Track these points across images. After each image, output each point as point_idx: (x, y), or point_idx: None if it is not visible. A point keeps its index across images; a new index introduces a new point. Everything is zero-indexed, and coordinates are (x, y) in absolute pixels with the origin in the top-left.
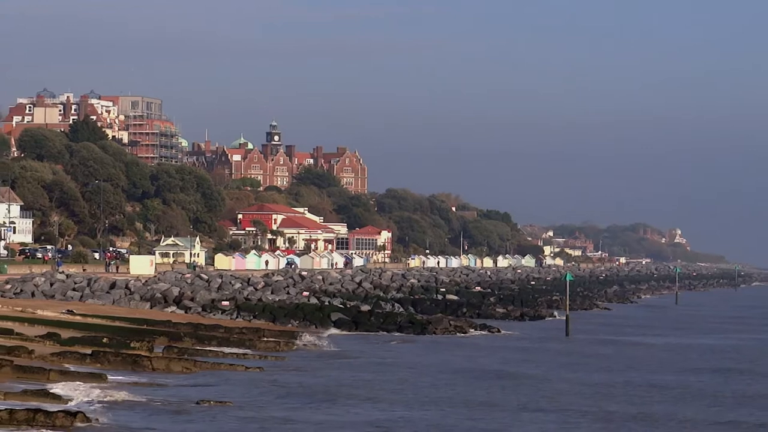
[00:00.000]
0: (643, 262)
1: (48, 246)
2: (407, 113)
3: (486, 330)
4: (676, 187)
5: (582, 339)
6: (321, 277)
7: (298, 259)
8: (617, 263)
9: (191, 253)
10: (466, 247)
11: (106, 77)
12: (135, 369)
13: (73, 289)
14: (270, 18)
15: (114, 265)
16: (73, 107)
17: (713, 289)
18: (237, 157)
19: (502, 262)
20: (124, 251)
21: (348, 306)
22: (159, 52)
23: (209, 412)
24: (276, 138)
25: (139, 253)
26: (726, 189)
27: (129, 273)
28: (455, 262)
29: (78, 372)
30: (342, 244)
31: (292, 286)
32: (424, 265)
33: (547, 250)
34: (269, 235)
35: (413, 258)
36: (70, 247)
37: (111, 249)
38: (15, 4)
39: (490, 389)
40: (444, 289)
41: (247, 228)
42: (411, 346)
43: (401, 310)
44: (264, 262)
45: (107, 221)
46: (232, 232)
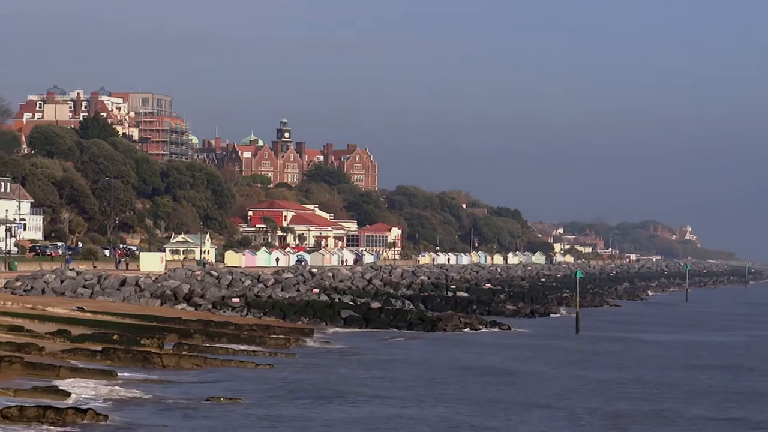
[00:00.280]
0: (654, 259)
1: (58, 243)
2: (418, 111)
3: (496, 327)
4: (686, 184)
5: (592, 336)
6: (331, 274)
7: (308, 256)
8: (627, 260)
9: (201, 250)
10: (476, 244)
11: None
12: (145, 366)
13: (84, 286)
14: (281, 16)
15: (124, 263)
16: (84, 104)
17: (723, 286)
18: (247, 154)
19: (512, 259)
20: (134, 248)
21: (358, 303)
22: (169, 49)
23: (219, 409)
24: (286, 135)
25: (150, 250)
26: (736, 186)
27: (139, 270)
28: (465, 259)
29: (88, 369)
30: (352, 241)
31: (302, 283)
32: (434, 262)
33: (558, 247)
34: (279, 232)
35: (423, 255)
36: (80, 244)
37: (121, 246)
38: (25, 1)
39: (499, 386)
40: (454, 286)
41: (258, 225)
42: (421, 343)
43: (411, 307)
44: (275, 259)
45: (117, 218)
46: (242, 229)
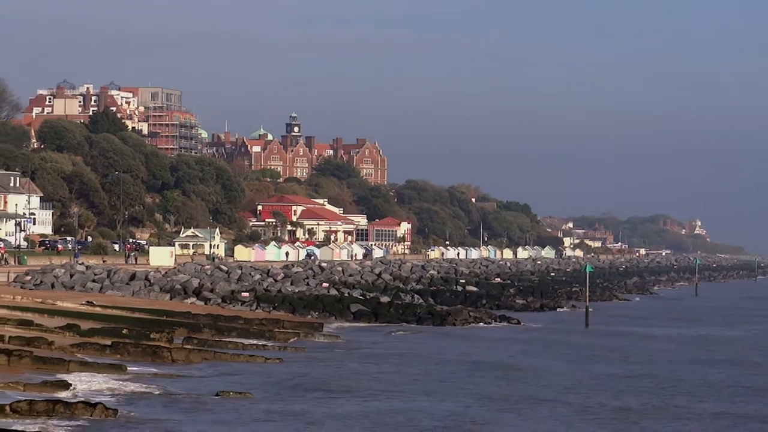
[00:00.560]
0: (663, 253)
1: (68, 237)
2: (427, 105)
3: (506, 321)
4: (695, 179)
5: (602, 330)
6: (341, 269)
7: (317, 251)
8: (637, 255)
9: (211, 245)
10: (485, 239)
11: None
12: (155, 360)
13: (93, 281)
14: (291, 12)
15: (133, 257)
16: (93, 98)
17: (733, 281)
18: (257, 149)
19: (521, 253)
20: (143, 242)
21: (367, 297)
22: (179, 44)
23: (229, 403)
24: (296, 129)
25: (159, 245)
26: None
27: (149, 264)
28: (475, 253)
29: (97, 363)
30: (362, 235)
31: (311, 277)
32: (443, 257)
33: (567, 241)
34: (289, 227)
35: (433, 249)
36: (89, 239)
37: (131, 240)
38: None
39: (509, 381)
40: (464, 281)
41: (267, 219)
42: (430, 337)
43: (421, 301)
44: (284, 253)
45: (127, 212)
46: (251, 223)
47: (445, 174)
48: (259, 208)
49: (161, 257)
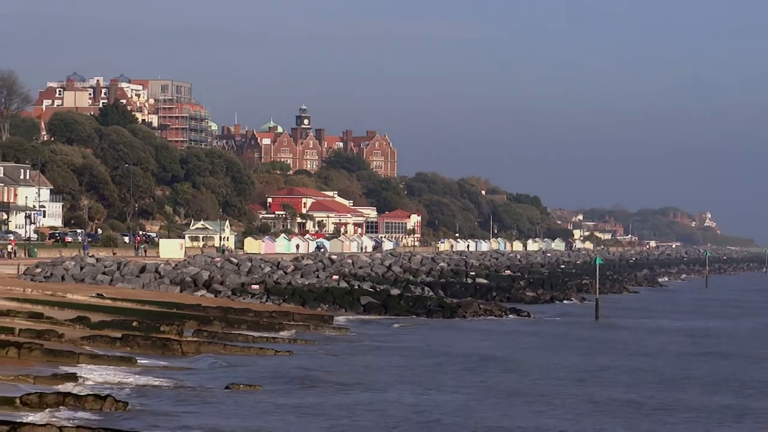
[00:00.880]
0: (673, 245)
1: (78, 230)
2: (437, 97)
3: (516, 314)
4: (706, 171)
5: (612, 323)
6: (350, 261)
7: (327, 243)
8: (647, 247)
9: (221, 237)
10: (495, 231)
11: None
12: (164, 353)
13: (103, 273)
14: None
15: (143, 249)
16: (103, 91)
17: (742, 273)
18: (266, 141)
19: (531, 245)
20: (153, 235)
21: (378, 290)
22: (189, 36)
23: (239, 396)
24: (306, 122)
25: (169, 237)
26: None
27: (159, 257)
28: (485, 245)
29: (107, 356)
30: (371, 227)
31: (321, 270)
32: (453, 249)
33: (577, 233)
34: (299, 219)
35: (443, 242)
36: (99, 231)
37: (141, 233)
38: None
39: (518, 373)
40: (474, 273)
41: (277, 212)
42: (440, 330)
43: (431, 293)
44: (294, 245)
45: (137, 205)
46: (261, 215)
47: (455, 166)
48: (269, 200)
49: (171, 250)
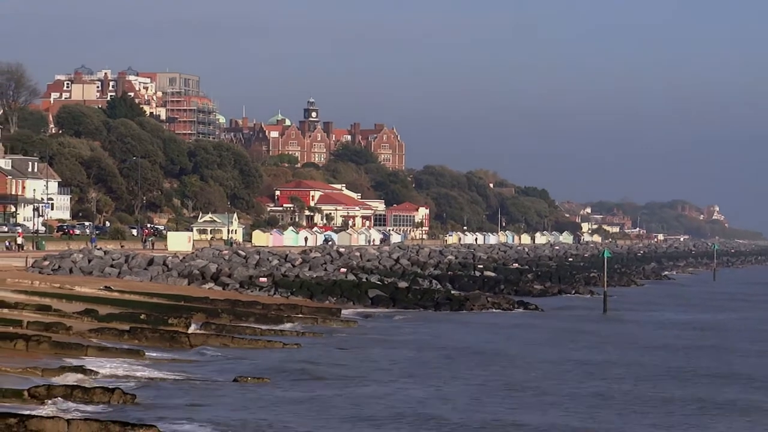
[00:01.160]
0: (681, 239)
1: (86, 222)
2: (444, 90)
3: (524, 307)
4: (714, 164)
5: (620, 316)
6: (358, 254)
7: (335, 236)
8: (655, 240)
9: (229, 230)
10: (503, 224)
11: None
12: (172, 345)
13: (111, 266)
14: None
15: (150, 242)
16: (111, 84)
17: (751, 266)
18: (274, 134)
19: (539, 238)
20: (161, 228)
21: (385, 282)
22: (197, 29)
23: (247, 389)
24: (313, 114)
25: (177, 230)
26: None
27: (167, 249)
28: (493, 238)
29: (115, 348)
30: (379, 220)
31: (329, 262)
32: (461, 242)
33: (585, 226)
34: (307, 212)
35: (451, 235)
36: (107, 224)
37: (149, 225)
38: None
39: (527, 367)
40: (481, 266)
41: (285, 204)
42: (449, 323)
43: (439, 286)
44: (303, 238)
45: (145, 198)
46: (269, 208)
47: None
48: (277, 193)
49: (179, 242)
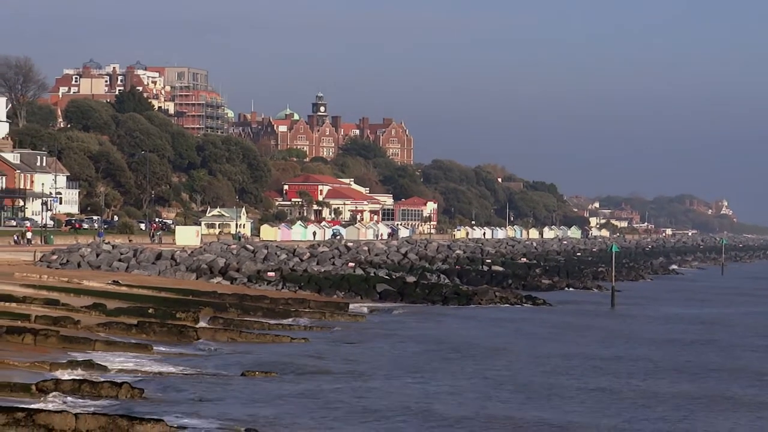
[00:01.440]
0: (690, 233)
1: (94, 216)
2: (453, 85)
3: (531, 302)
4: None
5: (628, 311)
6: (367, 248)
7: (343, 230)
8: (663, 235)
9: (237, 224)
10: (511, 219)
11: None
12: (180, 340)
13: (119, 260)
14: None
15: (158, 236)
16: (119, 78)
17: (759, 261)
18: (283, 128)
19: (548, 233)
20: (170, 222)
21: (393, 277)
22: (205, 23)
23: (254, 383)
24: (322, 109)
25: (185, 224)
26: None
27: (175, 244)
28: (501, 233)
29: (123, 343)
30: (388, 215)
31: (337, 257)
32: (469, 237)
33: (593, 221)
34: (315, 206)
35: (459, 229)
36: (116, 218)
37: (157, 220)
38: None
39: (535, 364)
40: (490, 261)
41: (293, 199)
42: (456, 317)
43: (447, 281)
44: (311, 233)
45: (153, 192)
46: (278, 202)
47: (471, 154)
48: (286, 187)
49: (187, 237)
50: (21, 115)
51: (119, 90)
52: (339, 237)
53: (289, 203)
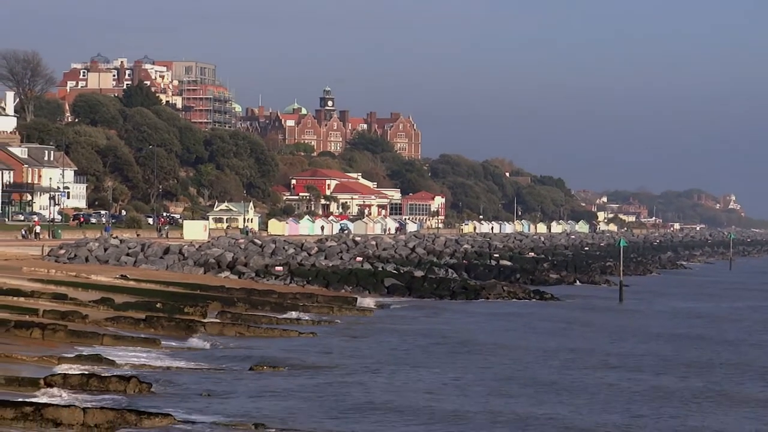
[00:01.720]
0: (698, 228)
1: (102, 211)
2: (461, 79)
3: (539, 296)
4: (730, 153)
5: (636, 306)
6: (374, 243)
7: (351, 225)
8: (671, 229)
9: (245, 219)
10: (519, 213)
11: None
12: (188, 334)
13: (127, 255)
14: None
15: (165, 231)
16: (127, 72)
17: (767, 256)
18: (290, 123)
19: (555, 227)
20: (177, 216)
21: (401, 271)
22: (213, 17)
23: (263, 377)
24: (329, 103)
25: (193, 219)
26: None
27: (183, 238)
28: (509, 227)
29: (131, 337)
30: (395, 209)
31: (345, 251)
32: (477, 231)
33: (601, 215)
34: (323, 201)
35: (466, 223)
36: (123, 213)
37: (165, 214)
38: None
39: (542, 360)
40: (497, 255)
41: (301, 193)
42: (465, 312)
43: (454, 275)
44: (319, 227)
45: (161, 186)
46: (285, 197)
47: (479, 148)
48: (293, 182)
49: (195, 231)
50: (29, 110)
51: (127, 84)
52: (347, 231)
53: (297, 198)
